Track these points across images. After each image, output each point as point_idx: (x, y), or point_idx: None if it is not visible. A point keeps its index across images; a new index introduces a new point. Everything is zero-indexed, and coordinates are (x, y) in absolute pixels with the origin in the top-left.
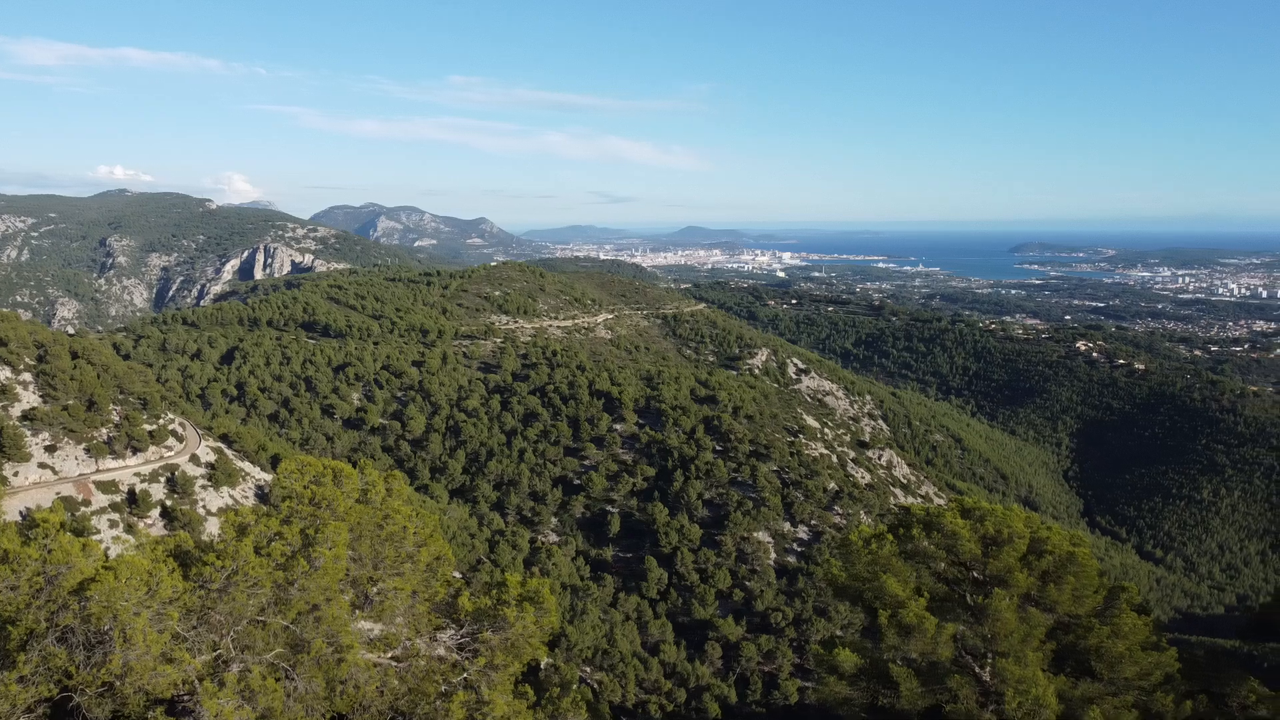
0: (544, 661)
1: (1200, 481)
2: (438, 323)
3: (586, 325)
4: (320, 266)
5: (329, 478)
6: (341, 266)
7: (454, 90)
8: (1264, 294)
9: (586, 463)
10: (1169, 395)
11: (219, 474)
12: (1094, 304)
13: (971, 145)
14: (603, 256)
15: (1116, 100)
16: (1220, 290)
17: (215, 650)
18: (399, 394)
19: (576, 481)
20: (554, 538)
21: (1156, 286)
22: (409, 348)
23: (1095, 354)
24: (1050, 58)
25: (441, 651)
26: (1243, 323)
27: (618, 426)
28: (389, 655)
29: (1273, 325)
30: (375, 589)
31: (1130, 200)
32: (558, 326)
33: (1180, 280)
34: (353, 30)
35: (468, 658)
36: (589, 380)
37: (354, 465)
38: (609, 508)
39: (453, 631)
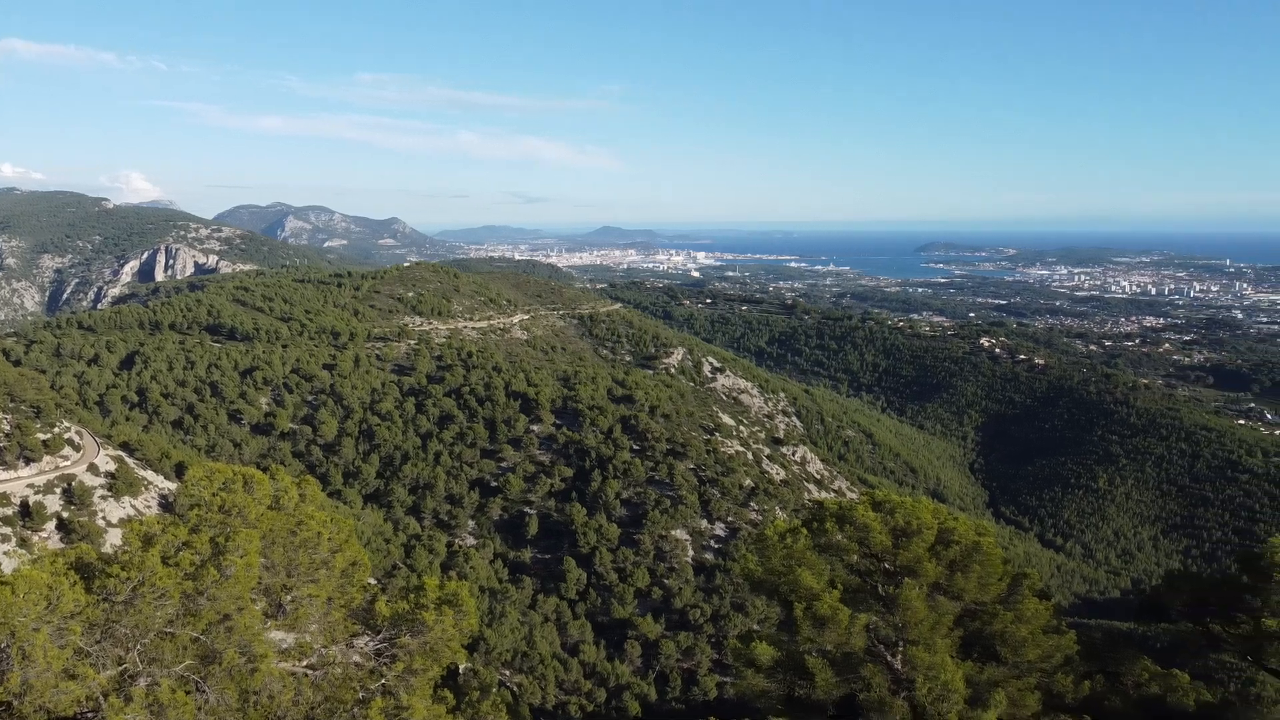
0: (463, 665)
1: (1097, 471)
2: (349, 325)
3: (502, 326)
4: (225, 268)
5: (239, 484)
6: (248, 267)
7: (363, 88)
8: (1153, 291)
9: (504, 464)
10: (1067, 389)
11: (120, 483)
12: (997, 301)
13: (879, 145)
14: (518, 257)
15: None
16: (1113, 288)
17: (121, 664)
18: (310, 398)
19: (494, 484)
20: (471, 541)
21: (1055, 284)
22: (320, 350)
23: (998, 350)
24: (949, 61)
25: (358, 658)
26: (1134, 319)
27: (535, 428)
28: (304, 664)
29: (1162, 321)
30: (289, 597)
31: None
32: (473, 328)
33: (1076, 278)
34: (256, 24)
35: (385, 663)
36: (505, 381)
37: (264, 471)
38: (527, 509)
39: (369, 638)
